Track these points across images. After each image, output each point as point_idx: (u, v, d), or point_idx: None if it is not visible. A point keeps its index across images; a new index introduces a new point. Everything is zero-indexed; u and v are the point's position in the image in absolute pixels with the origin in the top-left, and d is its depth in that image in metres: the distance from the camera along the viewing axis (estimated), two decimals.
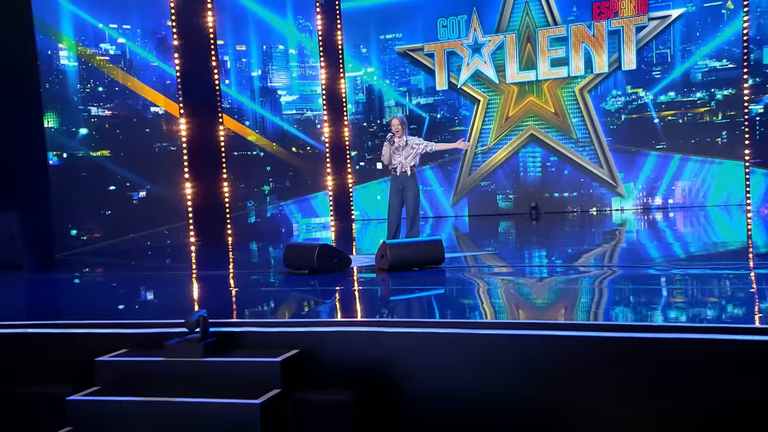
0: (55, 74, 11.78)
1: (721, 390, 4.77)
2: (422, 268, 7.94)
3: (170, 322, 5.88)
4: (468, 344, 5.30)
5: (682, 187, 13.60)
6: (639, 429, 4.92)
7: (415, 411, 5.30)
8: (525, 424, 5.20)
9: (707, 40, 13.24)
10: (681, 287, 7.11)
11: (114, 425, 4.87)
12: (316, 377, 5.29)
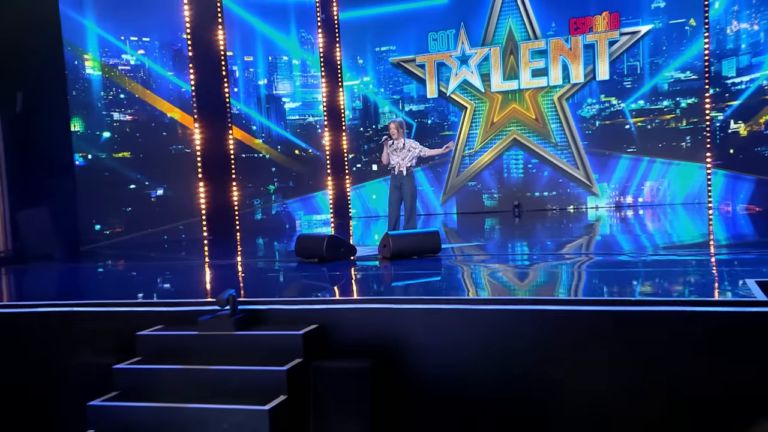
0: (81, 83, 11.84)
1: (687, 353, 5.05)
2: (421, 256, 8.15)
3: (201, 301, 6.24)
4: (469, 318, 5.57)
5: (650, 186, 13.70)
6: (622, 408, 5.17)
7: (422, 378, 5.57)
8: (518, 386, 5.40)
9: (673, 54, 13.40)
10: (647, 270, 7.37)
11: (154, 390, 5.16)
12: (333, 348, 5.57)
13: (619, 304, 5.40)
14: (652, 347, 5.20)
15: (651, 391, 5.12)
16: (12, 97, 10.41)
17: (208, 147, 12.45)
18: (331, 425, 5.44)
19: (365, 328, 5.70)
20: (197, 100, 12.56)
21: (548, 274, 7.55)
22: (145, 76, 12.64)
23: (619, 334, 5.27)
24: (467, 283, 7.18)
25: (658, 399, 5.13)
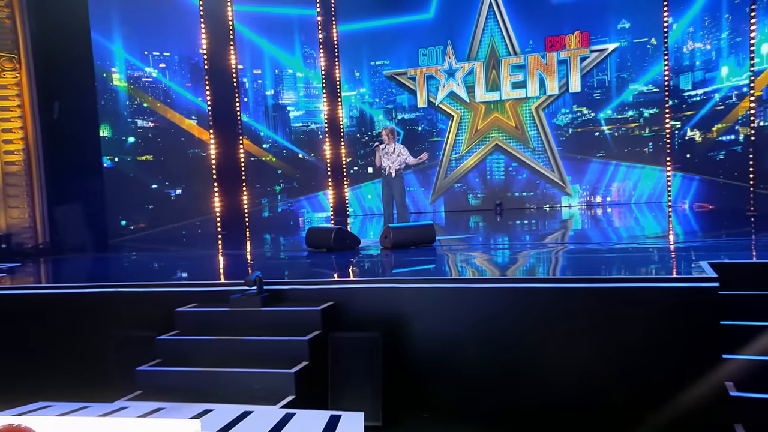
0: (109, 93, 12.06)
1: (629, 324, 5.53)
2: (417, 246, 8.47)
3: (229, 282, 6.60)
4: (460, 295, 6.01)
5: (617, 187, 13.76)
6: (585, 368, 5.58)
7: (422, 345, 5.96)
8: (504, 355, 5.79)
9: (637, 69, 13.52)
10: (614, 256, 7.70)
11: (191, 357, 5.53)
12: (346, 322, 5.98)
13: (588, 282, 5.74)
14: (620, 319, 5.58)
15: (615, 354, 5.47)
16: (50, 106, 10.59)
17: (221, 154, 12.63)
18: (346, 386, 5.70)
19: (373, 304, 6.05)
20: (213, 116, 12.62)
21: (526, 259, 7.96)
22: (166, 87, 12.66)
23: (588, 307, 5.67)
24: (458, 267, 7.51)
25: (621, 361, 5.47)
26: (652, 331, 5.51)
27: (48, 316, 6.75)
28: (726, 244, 8.43)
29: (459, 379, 5.86)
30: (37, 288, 7.42)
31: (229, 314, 6.01)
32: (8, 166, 10.20)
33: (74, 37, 11.06)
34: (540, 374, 5.69)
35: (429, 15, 14.66)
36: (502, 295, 5.94)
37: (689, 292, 5.48)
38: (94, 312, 6.48)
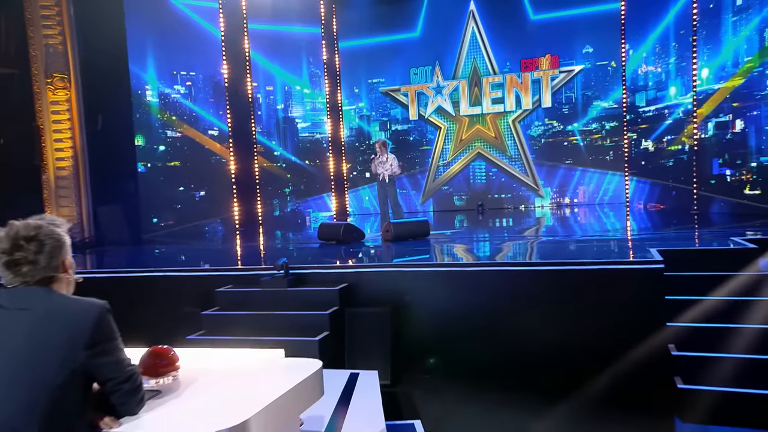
0: (143, 107, 12.07)
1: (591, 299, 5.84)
2: (415, 239, 8.78)
3: (258, 267, 6.97)
4: (452, 277, 6.40)
5: (582, 190, 13.82)
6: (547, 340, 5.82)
7: (422, 318, 6.25)
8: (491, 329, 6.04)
9: (599, 88, 13.55)
10: (577, 246, 8.05)
11: (230, 328, 5.88)
12: (359, 299, 6.33)
13: (558, 265, 6.16)
14: (584, 295, 5.94)
15: (580, 323, 5.79)
16: (94, 121, 10.90)
17: (239, 167, 12.79)
18: (361, 352, 6.02)
19: (381, 285, 6.41)
20: (233, 135, 12.73)
21: (505, 249, 8.20)
22: (192, 101, 12.73)
23: (557, 285, 6.06)
24: (449, 255, 7.86)
25: (585, 328, 5.77)
26: (610, 304, 5.78)
27: (107, 296, 7.07)
28: (672, 236, 8.61)
29: (452, 346, 6.09)
30: (99, 273, 7.66)
31: (260, 293, 6.30)
32: (59, 171, 10.48)
33: (114, 60, 11.29)
34: (518, 339, 5.91)
35: (416, 34, 14.65)
36: (486, 277, 6.28)
37: (640, 273, 5.82)
38: (148, 292, 6.72)
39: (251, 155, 13.18)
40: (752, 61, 9.93)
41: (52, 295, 2.00)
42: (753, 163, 10.10)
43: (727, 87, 10.61)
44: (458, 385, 5.75)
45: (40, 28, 10.25)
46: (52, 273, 2.04)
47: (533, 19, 13.77)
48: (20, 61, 10.30)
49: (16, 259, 1.97)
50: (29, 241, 2.00)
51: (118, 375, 1.98)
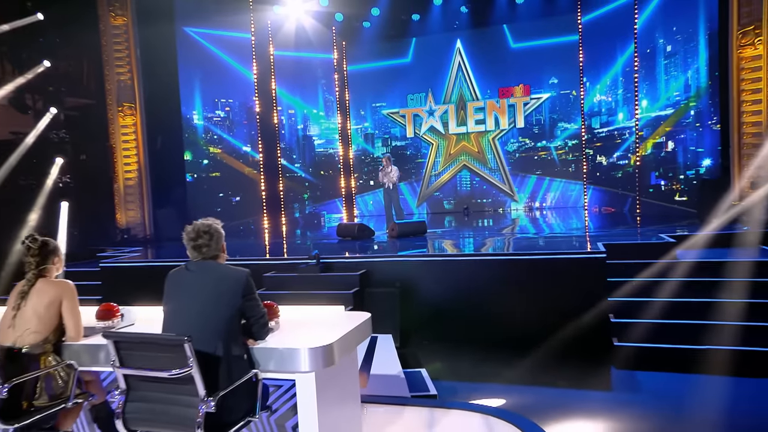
0: (191, 129, 12.23)
1: (545, 291, 6.24)
2: (415, 235, 9.10)
3: (294, 257, 7.39)
4: (446, 265, 6.85)
5: (550, 196, 13.82)
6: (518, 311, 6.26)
7: (424, 297, 6.62)
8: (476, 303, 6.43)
9: (563, 112, 13.51)
10: (543, 241, 8.31)
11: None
12: (375, 281, 6.73)
13: (528, 255, 6.64)
14: (546, 278, 6.31)
15: (542, 299, 6.22)
16: (154, 140, 11.20)
17: (268, 186, 13.13)
18: (377, 322, 5.79)
19: (391, 270, 6.82)
20: (264, 162, 13.06)
21: (487, 243, 8.47)
22: (230, 123, 12.84)
23: (526, 270, 6.46)
24: (442, 248, 8.10)
25: (546, 303, 6.18)
26: (565, 284, 6.20)
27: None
28: (617, 233, 8.79)
29: (445, 317, 6.47)
30: (160, 261, 8.17)
31: (298, 278, 6.75)
32: (127, 181, 10.77)
33: (169, 91, 11.52)
34: (495, 311, 6.33)
35: (407, 59, 14.56)
36: (471, 265, 6.72)
37: (589, 261, 6.26)
38: None
39: (276, 175, 13.35)
40: (690, 100, 9.98)
41: (219, 265, 2.85)
42: (681, 176, 10.33)
43: (662, 115, 10.82)
44: (450, 346, 6.10)
45: (114, 67, 10.55)
46: (218, 252, 2.90)
47: (513, 47, 13.66)
48: (98, 93, 10.62)
49: (198, 244, 2.83)
50: (205, 233, 2.86)
51: (256, 314, 2.82)
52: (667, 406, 4.54)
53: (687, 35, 9.81)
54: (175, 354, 2.44)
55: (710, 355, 5.04)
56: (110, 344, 2.57)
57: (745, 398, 4.53)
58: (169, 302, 2.79)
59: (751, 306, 5.45)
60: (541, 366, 5.47)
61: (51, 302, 3.02)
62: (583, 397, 4.86)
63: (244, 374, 2.69)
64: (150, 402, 2.59)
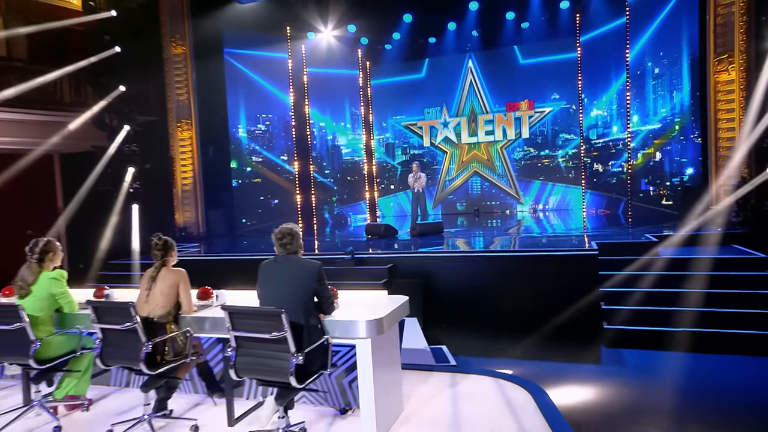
0: (236, 141, 12.49)
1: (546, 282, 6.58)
2: (433, 234, 9.43)
3: (331, 252, 7.70)
4: (462, 259, 7.22)
5: (552, 199, 13.85)
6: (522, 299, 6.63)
7: (441, 287, 7.01)
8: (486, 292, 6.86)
9: (564, 124, 13.54)
10: (546, 239, 8.55)
11: None
12: (401, 273, 7.11)
13: (531, 252, 6.97)
14: (547, 271, 6.66)
15: (543, 288, 6.61)
16: (206, 151, 11.53)
17: (302, 193, 13.42)
18: None
19: (414, 264, 7.25)
20: (299, 176, 13.29)
21: (495, 241, 8.76)
22: (270, 136, 13.09)
23: (530, 265, 6.81)
24: (457, 245, 8.40)
25: (546, 291, 6.53)
26: (563, 276, 6.58)
27: (218, 273, 7.09)
28: (609, 233, 9.00)
29: (461, 304, 6.87)
30: (212, 256, 8.59)
31: (336, 270, 7.08)
32: (184, 186, 11.20)
33: (218, 109, 11.91)
34: (503, 299, 6.71)
35: (421, 75, 14.67)
36: (482, 260, 7.10)
37: (584, 257, 6.66)
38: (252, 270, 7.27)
39: (309, 181, 13.69)
40: (675, 117, 10.05)
41: (298, 258, 3.53)
42: (667, 182, 10.43)
43: (651, 129, 10.98)
44: (465, 328, 6.51)
45: (174, 89, 11.02)
46: (297, 249, 3.58)
47: (522, 63, 13.67)
48: (160, 111, 11.08)
49: (283, 243, 3.51)
50: (288, 234, 3.53)
51: (326, 295, 3.50)
52: (645, 377, 5.06)
53: (672, 60, 9.97)
54: (274, 322, 3.15)
55: (679, 336, 5.52)
56: (226, 314, 3.29)
57: (704, 370, 5.06)
58: (262, 285, 3.49)
59: (710, 296, 5.89)
60: (541, 345, 5.85)
61: (172, 285, 3.75)
62: (577, 370, 5.30)
63: (319, 339, 3.38)
64: (254, 356, 3.30)
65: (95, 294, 4.36)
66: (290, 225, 3.53)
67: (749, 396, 4.47)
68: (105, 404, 4.40)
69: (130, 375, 4.72)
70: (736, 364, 5.19)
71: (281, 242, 3.46)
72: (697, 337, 5.47)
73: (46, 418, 3.99)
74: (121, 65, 9.90)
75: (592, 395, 4.61)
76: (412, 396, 4.23)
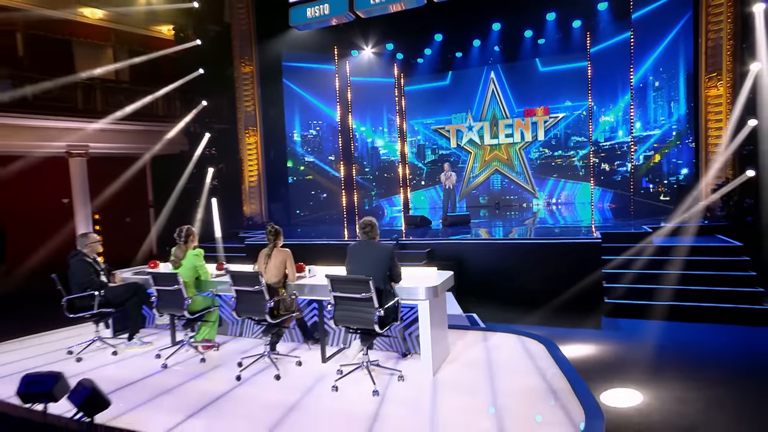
0: (292, 144, 13.10)
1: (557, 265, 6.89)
2: (462, 224, 9.84)
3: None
4: (488, 246, 7.65)
5: (565, 194, 13.98)
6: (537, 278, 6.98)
7: (472, 268, 7.43)
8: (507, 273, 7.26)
9: (576, 128, 13.62)
10: (558, 229, 8.79)
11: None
12: (437, 257, 7.45)
13: (545, 240, 7.31)
14: (558, 256, 7.04)
15: (555, 270, 6.96)
16: (269, 153, 12.12)
17: (346, 190, 13.89)
18: None
19: (449, 249, 7.70)
20: (344, 179, 13.85)
21: (514, 230, 9.05)
22: (318, 142, 13.73)
23: (544, 253, 7.16)
24: (480, 233, 8.72)
25: (558, 272, 6.92)
26: (572, 260, 6.92)
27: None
28: (613, 224, 9.19)
29: (487, 282, 7.31)
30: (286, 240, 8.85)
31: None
32: (250, 183, 11.89)
33: (278, 117, 12.59)
34: (521, 278, 7.14)
35: (446, 82, 14.86)
36: (503, 246, 7.56)
37: (589, 244, 7.04)
38: (315, 254, 7.07)
39: (351, 177, 14.25)
40: (676, 128, 10.28)
41: (377, 242, 4.47)
42: (665, 181, 10.75)
43: (651, 134, 11.25)
44: (491, 301, 6.97)
45: (243, 101, 11.74)
46: (375, 235, 4.54)
47: (540, 72, 13.77)
48: (231, 120, 11.83)
49: (366, 231, 4.44)
50: (369, 225, 4.48)
51: (396, 268, 4.41)
52: (636, 339, 5.73)
53: (670, 75, 10.32)
54: (364, 286, 4.14)
55: (665, 308, 6.19)
56: (329, 281, 4.30)
57: (682, 334, 5.79)
58: (351, 262, 4.46)
59: (691, 276, 6.52)
60: (553, 314, 6.39)
61: (281, 261, 4.79)
62: (582, 333, 5.88)
63: (393, 299, 4.37)
64: (348, 311, 4.30)
65: (217, 267, 5.44)
66: (371, 218, 4.44)
67: (716, 354, 5.19)
68: (228, 347, 5.50)
69: (242, 327, 5.79)
70: (709, 330, 5.86)
71: (365, 230, 4.42)
72: (679, 309, 6.15)
73: (193, 353, 5.11)
74: (203, 83, 10.85)
75: (593, 351, 5.33)
76: (454, 346, 5.18)
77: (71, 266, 5.06)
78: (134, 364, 4.95)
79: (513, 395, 3.91)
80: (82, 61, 10.82)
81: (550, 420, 3.50)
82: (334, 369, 4.58)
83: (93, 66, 10.02)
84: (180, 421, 3.70)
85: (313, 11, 9.65)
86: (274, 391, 4.19)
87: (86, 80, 9.92)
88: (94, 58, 10.90)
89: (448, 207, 11.12)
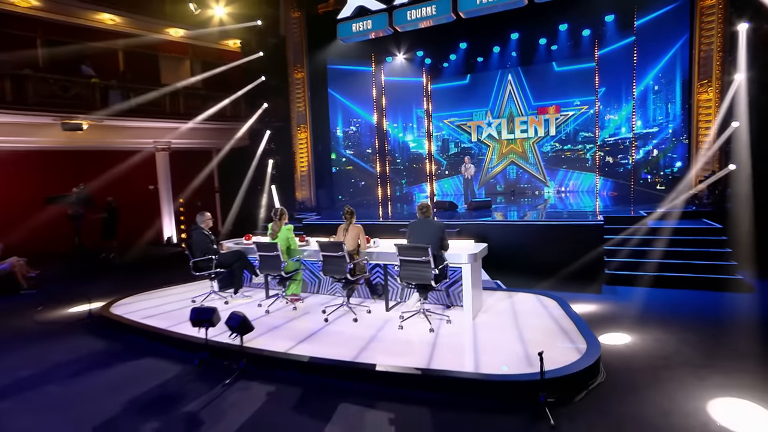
0: (335, 138, 13.59)
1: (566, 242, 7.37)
2: (484, 208, 10.40)
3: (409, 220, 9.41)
4: (506, 227, 8.09)
5: (573, 183, 14.26)
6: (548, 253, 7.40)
7: (495, 247, 7.57)
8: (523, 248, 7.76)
9: (584, 124, 13.82)
10: (566, 212, 9.29)
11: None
12: (465, 234, 7.88)
13: (555, 221, 7.85)
14: (566, 235, 7.44)
15: (562, 247, 7.43)
16: (316, 146, 12.79)
17: (381, 181, 14.34)
18: None
19: (473, 229, 8.14)
20: (380, 175, 14.35)
21: (528, 213, 9.37)
22: (358, 137, 14.13)
23: (554, 233, 7.67)
24: (496, 216, 9.16)
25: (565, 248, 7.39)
26: (578, 238, 7.37)
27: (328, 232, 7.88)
28: (614, 209, 9.45)
29: (507, 256, 7.76)
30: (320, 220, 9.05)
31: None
32: (301, 172, 12.59)
33: (324, 115, 13.12)
34: (535, 253, 7.59)
35: (466, 82, 15.13)
36: (519, 227, 7.98)
37: (593, 226, 7.50)
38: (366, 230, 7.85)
39: (385, 169, 14.87)
40: (672, 126, 10.34)
41: (431, 220, 5.51)
42: (661, 173, 10.97)
43: (650, 131, 11.49)
44: (511, 271, 7.49)
45: (295, 103, 12.41)
46: (429, 214, 5.53)
47: (555, 72, 13.91)
48: (286, 118, 12.54)
49: (422, 211, 5.52)
50: (425, 206, 5.53)
51: (446, 239, 5.49)
52: (629, 301, 6.52)
53: (668, 79, 10.56)
54: (423, 252, 5.22)
55: (653, 277, 6.96)
56: (396, 248, 5.41)
57: (666, 297, 6.58)
58: (411, 235, 5.52)
59: (676, 252, 7.24)
60: (562, 282, 6.99)
61: (356, 234, 5.88)
62: (585, 297, 6.55)
63: (443, 262, 5.43)
64: (410, 270, 5.36)
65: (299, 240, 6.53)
66: (426, 201, 5.48)
67: (691, 311, 6.02)
68: (309, 300, 6.66)
69: (319, 284, 6.87)
70: (689, 294, 6.68)
71: (422, 210, 5.47)
72: (666, 278, 6.93)
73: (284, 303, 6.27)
74: (263, 87, 11.83)
75: (594, 309, 6.19)
76: (485, 301, 6.24)
77: (193, 237, 6.22)
78: (243, 310, 6.08)
79: (534, 331, 4.97)
80: (166, 71, 11.96)
81: (561, 347, 4.55)
82: (396, 315, 5.67)
83: (174, 75, 11.13)
84: (294, 345, 4.85)
85: (358, 26, 10.36)
86: (354, 329, 5.31)
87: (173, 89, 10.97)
88: (175, 69, 12.02)
89: (468, 194, 12.00)
